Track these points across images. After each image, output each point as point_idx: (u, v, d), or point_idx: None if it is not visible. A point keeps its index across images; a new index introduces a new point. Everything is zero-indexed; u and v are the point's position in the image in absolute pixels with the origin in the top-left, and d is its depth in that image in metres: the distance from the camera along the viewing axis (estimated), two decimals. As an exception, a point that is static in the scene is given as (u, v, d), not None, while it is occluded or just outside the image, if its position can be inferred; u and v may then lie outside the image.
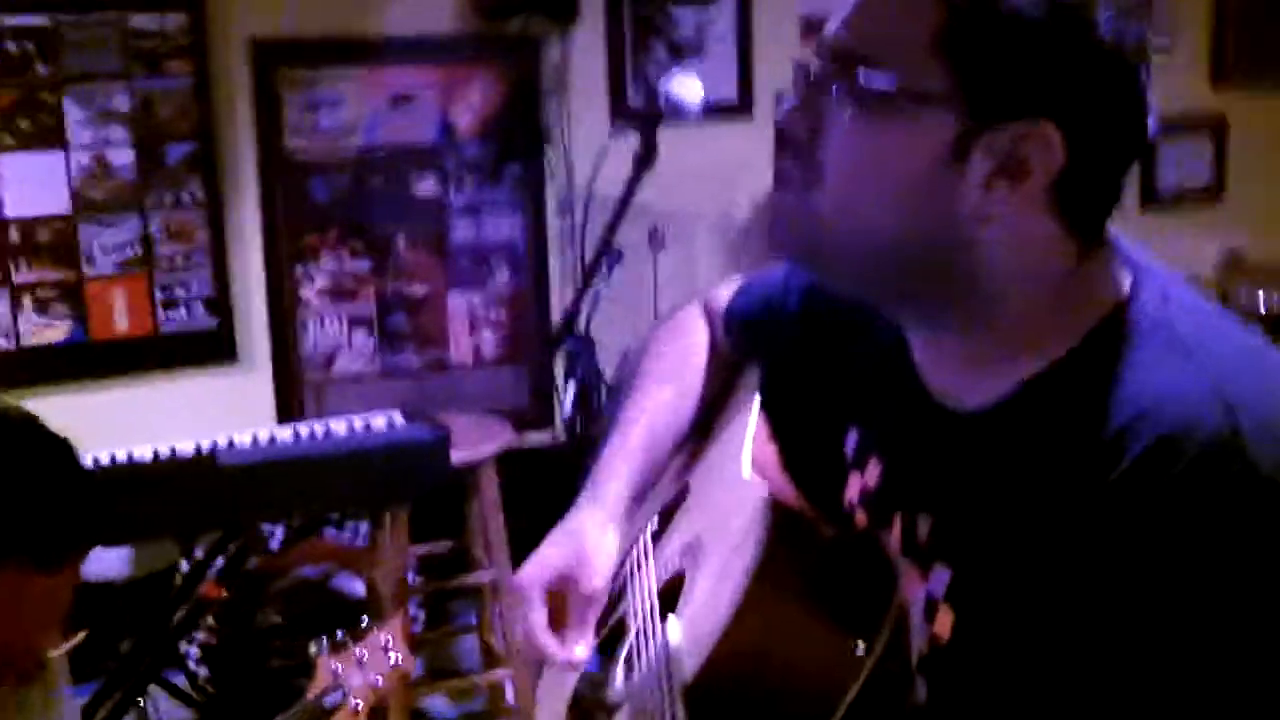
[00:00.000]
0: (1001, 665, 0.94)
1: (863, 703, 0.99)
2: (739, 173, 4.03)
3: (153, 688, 3.39)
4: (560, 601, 1.28)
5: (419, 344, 4.06)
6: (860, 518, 1.16)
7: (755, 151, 4.10)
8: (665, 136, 2.76)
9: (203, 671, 3.86)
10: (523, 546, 3.37)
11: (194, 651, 3.83)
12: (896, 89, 0.90)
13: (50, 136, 3.60)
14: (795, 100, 0.99)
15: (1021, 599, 0.92)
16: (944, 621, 0.99)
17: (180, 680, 3.79)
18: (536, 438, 4.00)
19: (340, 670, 1.99)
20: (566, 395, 2.49)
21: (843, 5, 0.96)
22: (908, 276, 0.97)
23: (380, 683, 2.01)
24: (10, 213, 3.60)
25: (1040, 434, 0.93)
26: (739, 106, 4.18)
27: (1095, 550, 0.86)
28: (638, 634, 1.27)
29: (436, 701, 3.90)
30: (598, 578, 1.28)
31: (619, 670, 1.30)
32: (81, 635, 1.77)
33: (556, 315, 4.12)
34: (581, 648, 1.26)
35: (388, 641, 2.05)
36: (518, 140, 3.99)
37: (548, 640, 1.26)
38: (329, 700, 1.96)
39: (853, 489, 1.17)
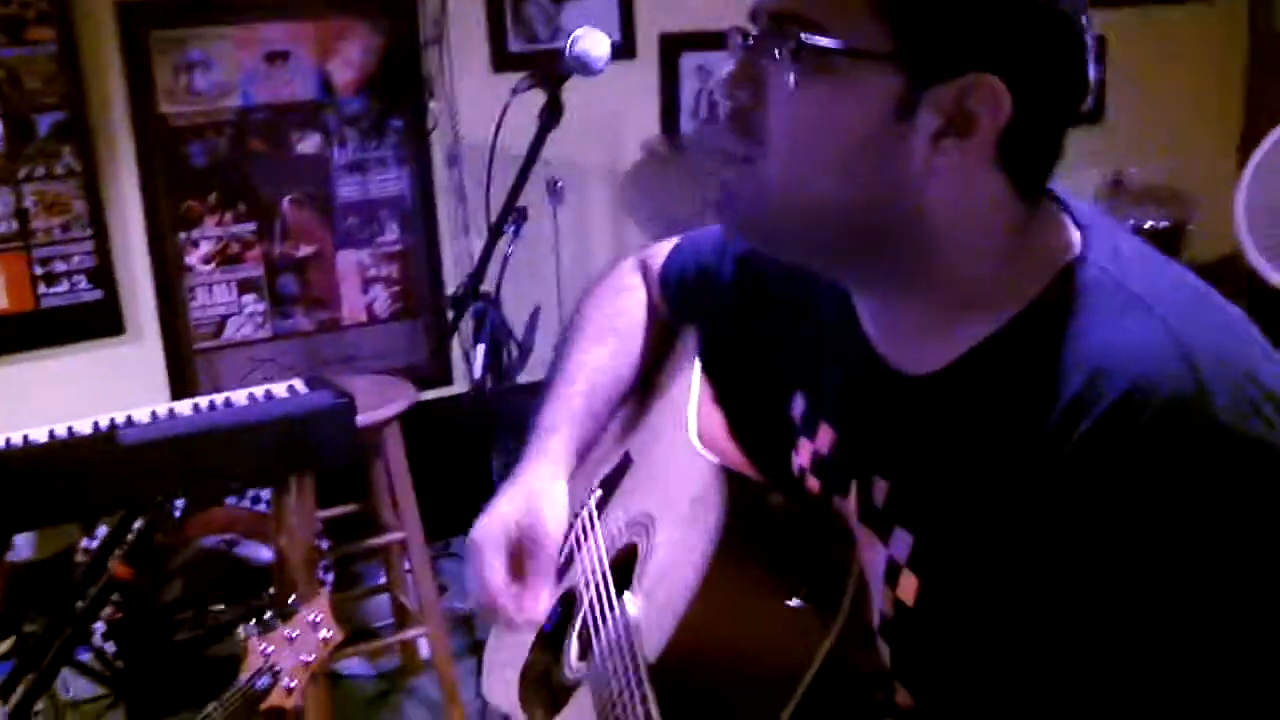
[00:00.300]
0: (969, 629, 0.95)
1: (829, 669, 0.99)
2: (625, 116, 4.03)
3: (63, 668, 3.34)
4: (516, 558, 1.27)
5: (310, 305, 4.01)
6: (812, 483, 1.17)
7: (640, 94, 4.10)
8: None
9: (110, 647, 3.80)
10: (428, 504, 3.39)
11: (100, 627, 3.77)
12: (838, 49, 0.89)
13: (-89, 110, 3.47)
14: (732, 68, 0.97)
15: (987, 563, 0.92)
16: (908, 586, 1.00)
17: (87, 657, 3.74)
18: (436, 394, 3.98)
19: (271, 651, 2.00)
20: (476, 356, 2.48)
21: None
22: (855, 241, 0.96)
23: (313, 660, 2.02)
24: (-128, 191, 3.47)
25: (997, 395, 0.93)
26: (622, 49, 4.12)
27: (1061, 511, 0.86)
28: (590, 608, 1.26)
29: (351, 663, 3.90)
30: (553, 528, 1.28)
31: (573, 646, 1.29)
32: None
33: (448, 268, 4.10)
34: (542, 601, 1.25)
35: (317, 618, 2.06)
36: (399, 93, 3.94)
37: (506, 596, 1.25)
38: (260, 683, 1.97)
39: (803, 455, 1.18)
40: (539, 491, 1.31)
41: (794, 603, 1.05)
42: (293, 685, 2.01)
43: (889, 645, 1.04)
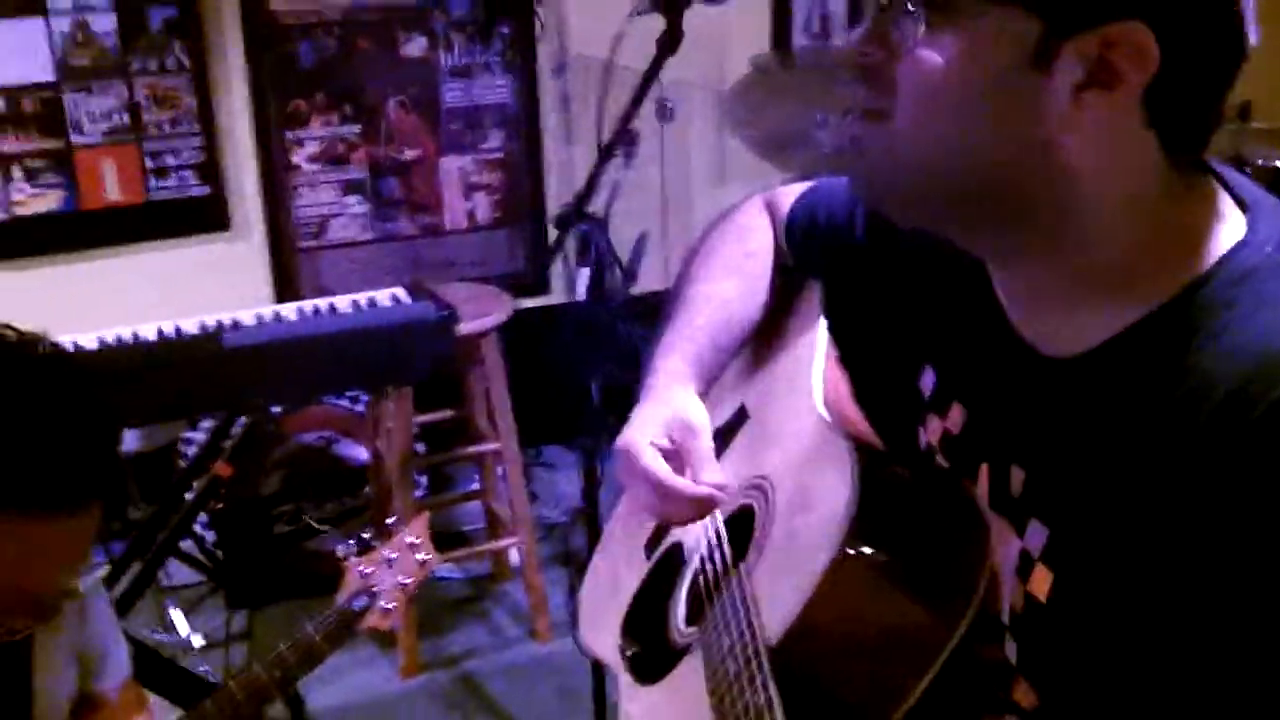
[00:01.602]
0: (1104, 629, 0.92)
1: (953, 663, 0.97)
2: (734, 31, 3.95)
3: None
4: (672, 451, 1.25)
5: (412, 209, 4.03)
6: (941, 462, 1.13)
7: (750, 8, 4.01)
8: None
9: (210, 536, 3.91)
10: (524, 412, 3.40)
11: (202, 517, 3.87)
12: None
13: (30, 3, 3.50)
14: (871, 20, 0.93)
15: (1129, 560, 0.89)
16: (1041, 581, 0.97)
17: (188, 545, 3.84)
18: (534, 303, 3.99)
19: (369, 572, 2.02)
20: (580, 278, 2.47)
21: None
22: (990, 201, 0.92)
23: (410, 582, 2.04)
24: (-7, 82, 3.53)
25: (1149, 382, 0.89)
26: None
27: (1224, 506, 0.82)
28: (703, 568, 1.25)
29: (442, 566, 3.97)
30: (702, 422, 1.26)
31: (680, 607, 1.28)
32: (104, 568, 1.75)
33: (550, 178, 4.08)
34: (713, 474, 1.22)
35: (416, 539, 2.07)
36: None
37: (676, 480, 1.22)
38: (357, 603, 1.99)
39: (932, 431, 1.13)
40: (675, 398, 1.29)
41: (923, 591, 1.03)
42: (390, 607, 2.02)
43: (1016, 641, 1.01)
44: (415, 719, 3.35)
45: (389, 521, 2.10)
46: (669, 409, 1.28)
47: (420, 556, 2.07)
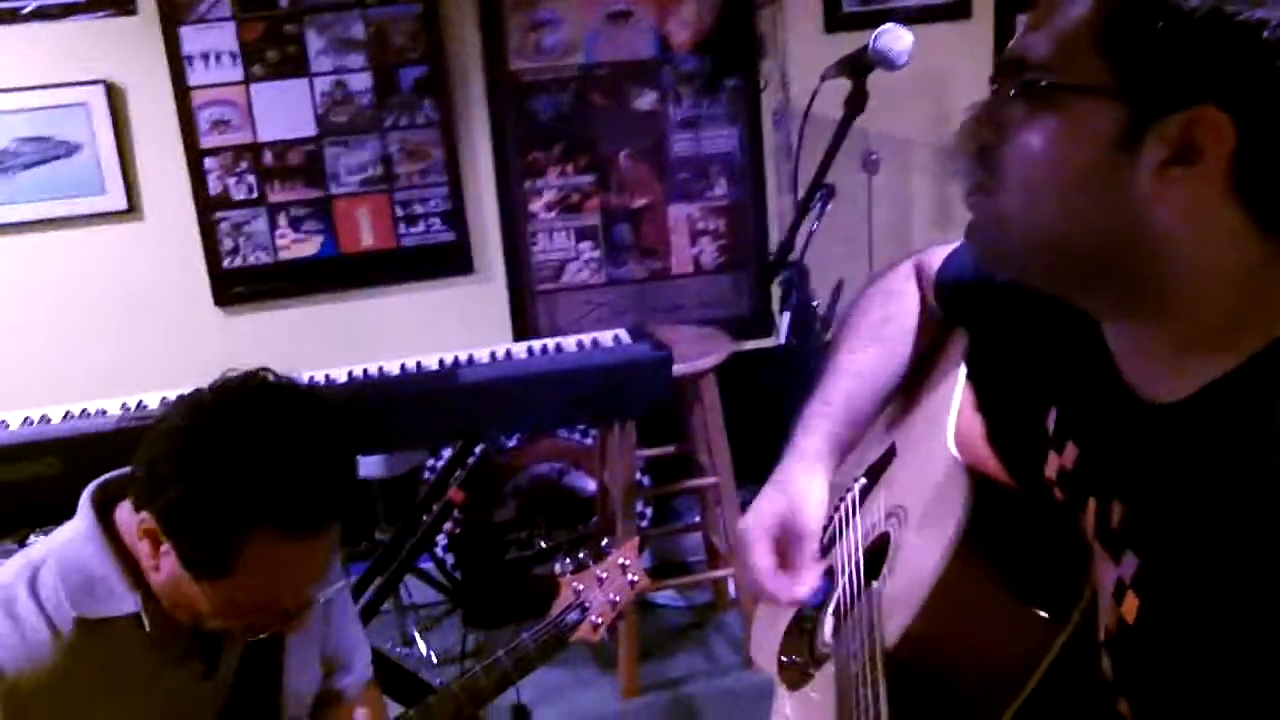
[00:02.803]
0: (1185, 654, 0.98)
1: (1053, 675, 1.06)
2: (956, 78, 4.00)
3: (407, 574, 3.70)
4: (781, 546, 1.40)
5: (642, 254, 4.21)
6: (1058, 495, 1.20)
7: (972, 55, 4.05)
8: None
9: (449, 559, 4.16)
10: (744, 448, 3.51)
11: (443, 540, 4.13)
12: (1060, 85, 0.95)
13: (294, 65, 3.86)
14: (982, 104, 1.04)
15: (1210, 593, 0.95)
16: (1131, 605, 1.04)
17: (430, 566, 4.11)
18: (756, 344, 4.11)
19: (582, 589, 2.16)
20: (782, 323, 2.59)
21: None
22: (1086, 270, 1.01)
23: (619, 601, 2.18)
24: (264, 137, 3.89)
25: (1238, 429, 0.95)
26: (956, 7, 4.13)
27: None
28: (845, 588, 1.37)
29: (666, 594, 4.12)
30: (813, 522, 1.40)
31: (827, 622, 1.40)
32: (342, 584, 1.92)
33: (773, 225, 4.20)
34: (804, 587, 1.38)
35: (626, 561, 2.21)
36: (732, 52, 4.05)
37: (774, 580, 1.37)
38: (571, 617, 2.13)
39: (1051, 467, 1.22)
40: (798, 489, 1.42)
41: (1026, 607, 1.12)
42: (599, 621, 2.16)
43: (1111, 659, 1.08)
44: (634, 739, 3.51)
45: (604, 543, 2.24)
46: (785, 500, 1.42)
47: (631, 577, 2.20)
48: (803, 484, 1.42)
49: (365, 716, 1.89)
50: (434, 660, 3.85)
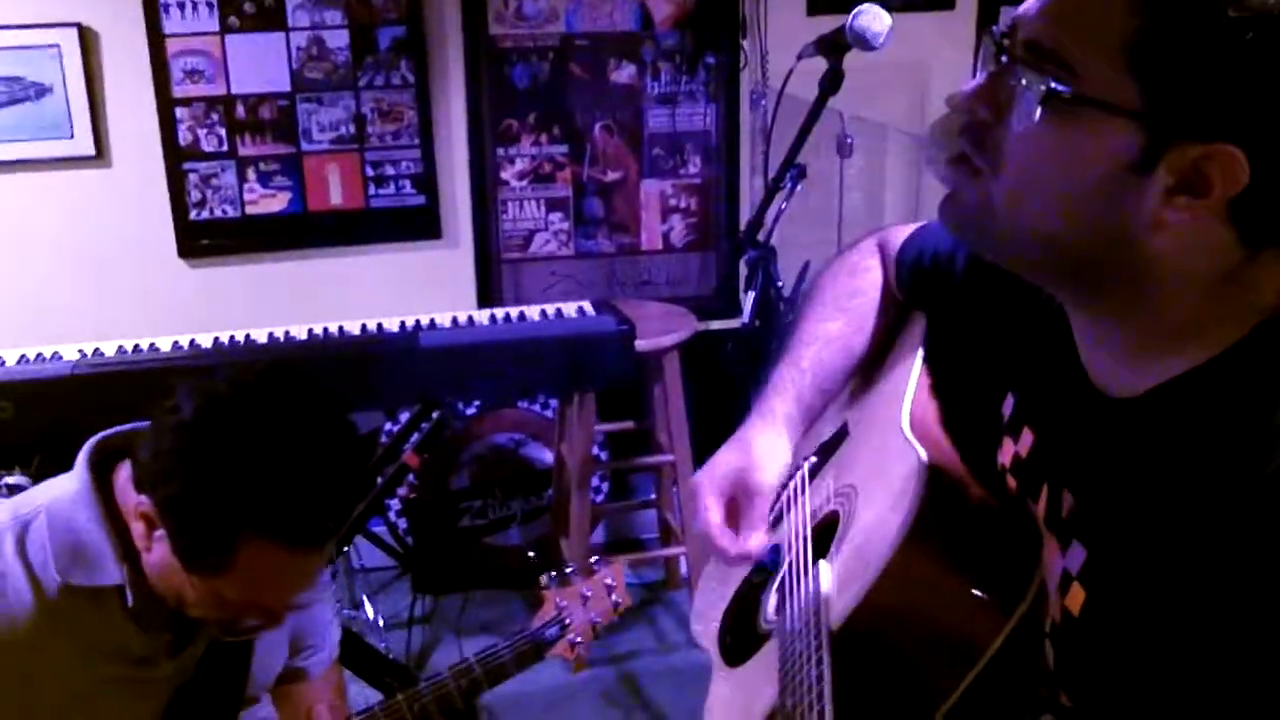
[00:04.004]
0: (1128, 649, 0.98)
1: (997, 664, 1.06)
2: (934, 68, 4.00)
3: (357, 537, 3.68)
4: (733, 503, 1.39)
5: (612, 229, 4.19)
6: (1011, 482, 1.20)
7: (952, 46, 4.05)
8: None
9: (402, 524, 4.15)
10: (704, 428, 3.52)
11: (395, 505, 4.12)
12: (1084, 96, 0.91)
13: (271, 19, 3.81)
14: (982, 80, 0.99)
15: (1159, 589, 0.94)
16: (1076, 597, 1.03)
17: (381, 530, 4.09)
18: (721, 324, 4.11)
19: (565, 605, 2.13)
20: (747, 302, 2.58)
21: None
22: (1073, 271, 0.99)
23: (601, 621, 2.15)
24: (237, 89, 3.84)
25: (1195, 426, 0.94)
26: (939, -1, 4.11)
27: (1249, 551, 0.88)
28: (790, 566, 1.36)
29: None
30: (768, 482, 1.39)
31: (772, 598, 1.39)
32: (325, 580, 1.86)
33: (744, 206, 4.19)
34: (755, 540, 1.36)
35: (611, 581, 2.18)
36: (714, 31, 4.03)
37: (723, 534, 1.36)
38: (550, 633, 2.10)
39: (1006, 453, 1.21)
40: (759, 447, 1.41)
41: (976, 593, 1.11)
42: (578, 640, 2.12)
43: (1054, 649, 1.08)
44: (578, 712, 3.52)
45: (593, 560, 2.21)
46: (744, 456, 1.41)
47: (615, 599, 2.17)
48: (765, 443, 1.41)
49: (325, 714, 1.86)
50: (381, 624, 3.83)
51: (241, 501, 1.49)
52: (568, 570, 2.16)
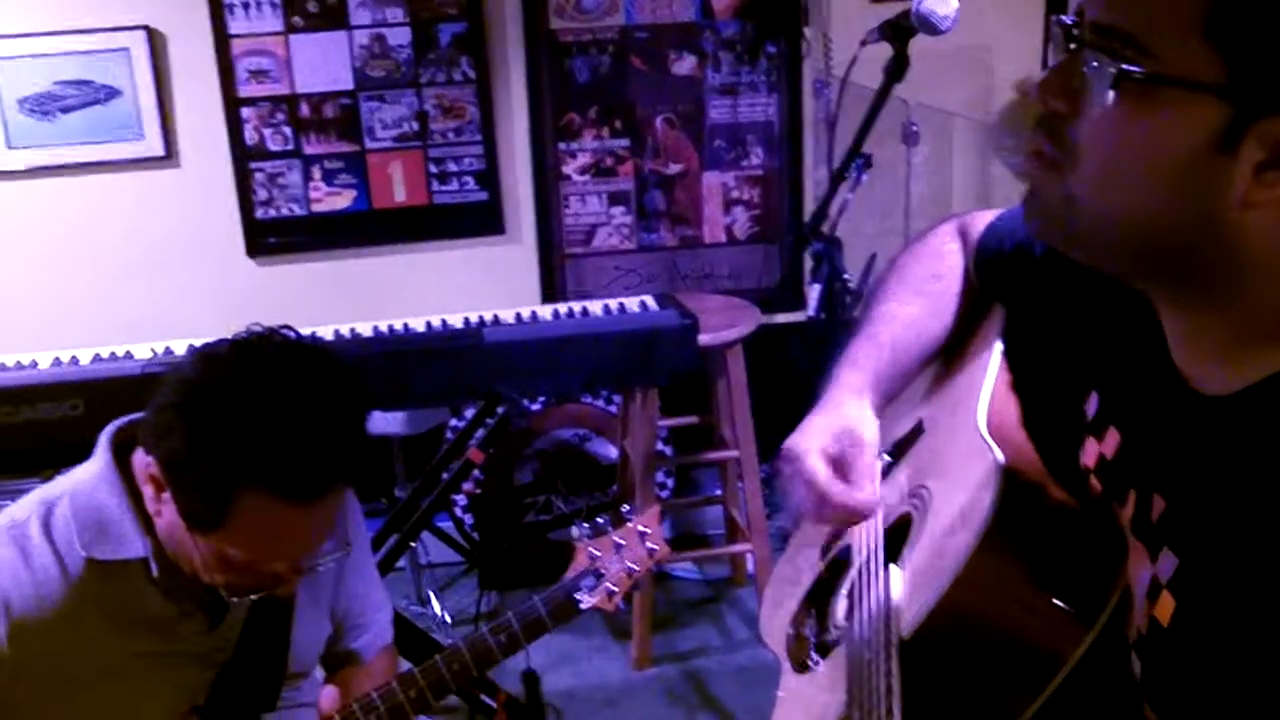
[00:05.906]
0: (1220, 662, 0.93)
1: (1076, 677, 1.01)
2: (1000, 53, 3.94)
3: (424, 532, 3.69)
4: (838, 461, 1.31)
5: (674, 221, 4.17)
6: (1095, 484, 1.15)
7: (1018, 30, 3.98)
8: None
9: (468, 519, 4.15)
10: (768, 422, 3.51)
11: (462, 501, 4.13)
12: (1162, 75, 0.86)
13: (334, 17, 3.83)
14: (1054, 68, 0.95)
15: (1255, 599, 0.90)
16: (1165, 607, 0.99)
17: (447, 526, 4.10)
18: (785, 318, 4.08)
19: (599, 555, 2.12)
20: (812, 295, 2.55)
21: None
22: (1164, 260, 0.94)
23: (637, 570, 2.13)
24: (301, 88, 3.87)
25: None
26: (1005, -17, 4.03)
27: None
28: (861, 570, 1.32)
29: (682, 566, 4.11)
30: (870, 436, 1.33)
31: (841, 604, 1.35)
32: (341, 554, 1.88)
33: (808, 197, 4.15)
34: (868, 490, 1.29)
35: (645, 530, 2.16)
36: (775, 19, 3.99)
37: (833, 484, 1.28)
38: (585, 584, 2.09)
39: (1089, 454, 1.17)
40: (851, 409, 1.35)
41: (1055, 601, 1.07)
42: (615, 590, 2.10)
43: (1140, 660, 1.04)
44: (640, 708, 3.49)
45: (624, 509, 2.18)
46: (840, 420, 1.34)
47: (650, 546, 2.13)
48: (852, 407, 1.35)
49: (332, 693, 1.86)
50: (448, 620, 3.84)
51: (237, 453, 1.52)
52: (599, 521, 2.14)
